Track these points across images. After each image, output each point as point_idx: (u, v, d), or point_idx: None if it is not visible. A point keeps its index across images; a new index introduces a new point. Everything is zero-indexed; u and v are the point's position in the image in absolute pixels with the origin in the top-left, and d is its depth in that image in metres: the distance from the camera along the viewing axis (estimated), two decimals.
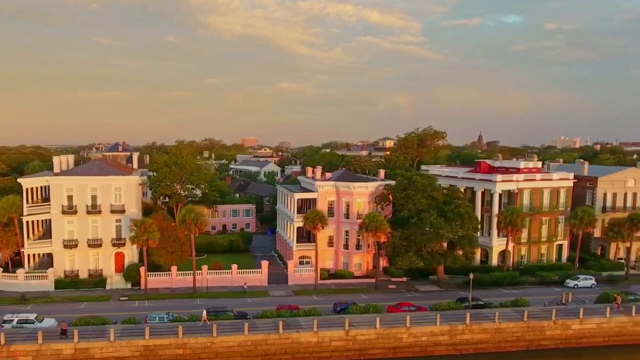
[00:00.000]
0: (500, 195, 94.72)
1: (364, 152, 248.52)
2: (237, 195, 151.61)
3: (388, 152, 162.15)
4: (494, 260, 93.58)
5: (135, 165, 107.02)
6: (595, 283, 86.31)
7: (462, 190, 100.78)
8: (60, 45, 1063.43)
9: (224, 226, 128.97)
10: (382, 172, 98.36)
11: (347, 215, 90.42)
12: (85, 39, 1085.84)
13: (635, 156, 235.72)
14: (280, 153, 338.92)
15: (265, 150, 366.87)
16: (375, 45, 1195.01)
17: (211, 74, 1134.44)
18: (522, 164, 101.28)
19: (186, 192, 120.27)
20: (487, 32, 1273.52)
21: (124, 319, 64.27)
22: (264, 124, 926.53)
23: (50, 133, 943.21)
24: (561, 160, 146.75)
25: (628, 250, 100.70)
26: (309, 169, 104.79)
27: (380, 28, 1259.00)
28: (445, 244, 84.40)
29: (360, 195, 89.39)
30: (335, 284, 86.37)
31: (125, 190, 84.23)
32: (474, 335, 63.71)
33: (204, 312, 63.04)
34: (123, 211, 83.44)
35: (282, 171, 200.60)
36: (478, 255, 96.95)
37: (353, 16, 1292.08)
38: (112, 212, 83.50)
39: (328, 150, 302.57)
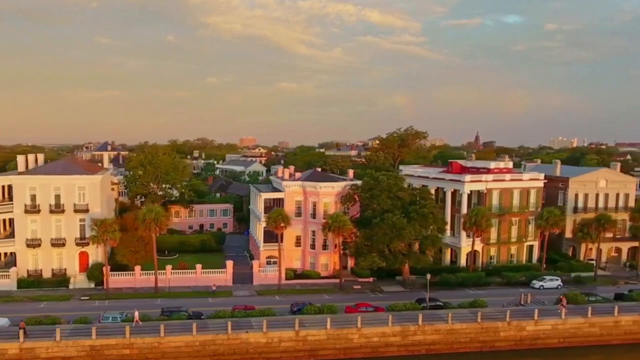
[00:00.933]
0: (470, 195, 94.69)
1: (353, 152, 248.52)
2: (218, 194, 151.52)
3: (369, 152, 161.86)
4: (463, 261, 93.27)
5: (106, 165, 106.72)
6: (561, 284, 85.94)
7: (434, 190, 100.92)
8: (60, 45, 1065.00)
9: (201, 226, 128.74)
10: (350, 172, 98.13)
11: (313, 215, 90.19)
12: (85, 39, 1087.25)
13: (628, 157, 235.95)
14: (273, 153, 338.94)
15: (259, 150, 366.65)
16: (375, 45, 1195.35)
17: (211, 74, 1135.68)
18: (493, 165, 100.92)
19: (162, 192, 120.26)
20: (487, 32, 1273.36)
21: (75, 318, 64.05)
22: (264, 124, 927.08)
23: (50, 132, 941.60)
24: (539, 160, 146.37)
25: (600, 251, 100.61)
26: (280, 169, 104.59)
27: (380, 28, 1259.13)
28: (411, 244, 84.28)
29: (327, 195, 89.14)
30: (301, 284, 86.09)
31: (90, 190, 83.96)
32: (426, 336, 63.41)
33: (136, 313, 62.73)
34: (87, 210, 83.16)
35: (268, 171, 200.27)
36: (448, 256, 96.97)
37: (353, 16, 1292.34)
38: (76, 211, 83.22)
39: (322, 150, 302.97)
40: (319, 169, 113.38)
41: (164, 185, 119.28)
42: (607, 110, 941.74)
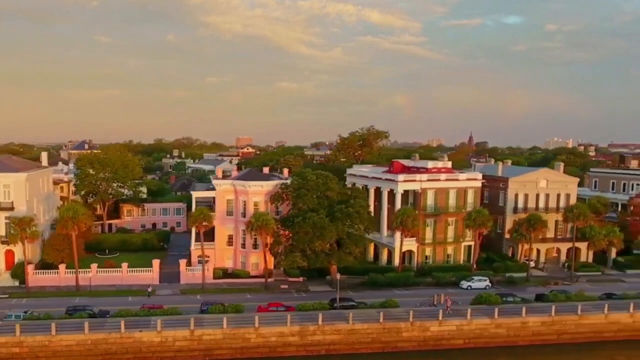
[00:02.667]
0: (406, 195, 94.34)
1: (330, 152, 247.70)
2: (179, 193, 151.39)
3: (329, 152, 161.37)
4: (397, 261, 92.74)
5: (45, 163, 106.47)
6: (490, 284, 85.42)
7: (373, 190, 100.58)
8: (60, 44, 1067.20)
9: (154, 224, 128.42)
10: (286, 171, 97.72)
11: (244, 214, 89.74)
12: (85, 38, 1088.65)
13: (627, 158, 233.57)
14: (258, 152, 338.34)
15: (247, 149, 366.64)
16: (375, 45, 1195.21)
17: (211, 74, 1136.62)
18: (431, 164, 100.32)
19: (112, 191, 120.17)
20: (487, 33, 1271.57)
21: None
22: (264, 123, 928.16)
23: (49, 132, 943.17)
24: (509, 162, 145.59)
25: (538, 251, 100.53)
26: (219, 169, 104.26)
27: (380, 28, 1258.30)
28: (341, 244, 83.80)
29: (256, 194, 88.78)
30: (228, 284, 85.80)
31: (15, 188, 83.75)
32: (325, 336, 63.01)
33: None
34: (12, 208, 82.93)
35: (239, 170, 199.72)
36: (385, 256, 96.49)
37: (353, 16, 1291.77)
38: (1, 209, 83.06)
39: (310, 149, 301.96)
40: (267, 169, 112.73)
41: (113, 184, 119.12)
42: (606, 110, 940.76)
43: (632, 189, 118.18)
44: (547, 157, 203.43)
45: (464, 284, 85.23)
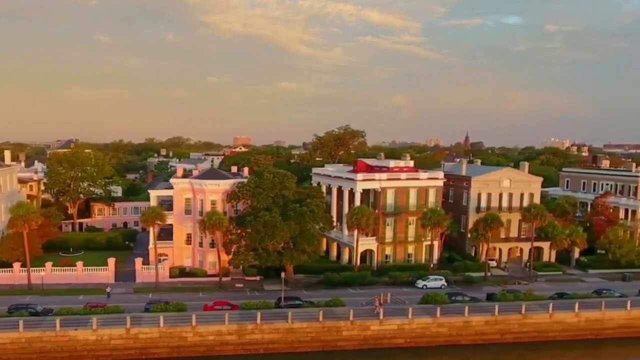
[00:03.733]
0: (368, 194, 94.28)
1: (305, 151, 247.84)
2: None
3: (305, 152, 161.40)
4: (357, 260, 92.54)
5: (7, 161, 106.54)
6: (445, 284, 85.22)
7: (336, 189, 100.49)
8: (60, 43, 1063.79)
9: (125, 223, 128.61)
10: (246, 170, 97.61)
11: (201, 213, 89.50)
12: (85, 37, 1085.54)
13: (599, 158, 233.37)
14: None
15: (240, 149, 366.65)
16: (375, 45, 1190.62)
17: (211, 73, 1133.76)
18: (392, 164, 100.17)
19: (81, 190, 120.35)
20: (487, 33, 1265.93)
21: None
22: (264, 123, 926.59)
23: (49, 131, 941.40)
24: (479, 161, 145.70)
25: (496, 250, 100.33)
26: (179, 168, 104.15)
27: (380, 28, 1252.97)
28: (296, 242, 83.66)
29: (213, 192, 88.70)
30: (183, 282, 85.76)
31: None
32: (264, 335, 62.92)
33: None
34: None
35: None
36: (347, 255, 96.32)
37: (353, 16, 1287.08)
38: None
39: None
40: (235, 168, 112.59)
41: (83, 183, 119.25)
42: (606, 111, 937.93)
43: (602, 189, 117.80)
44: (530, 156, 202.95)
45: (420, 283, 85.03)
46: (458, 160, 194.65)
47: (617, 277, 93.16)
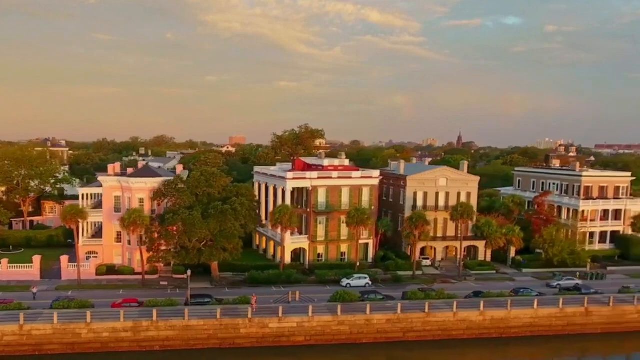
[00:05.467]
0: (299, 193, 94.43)
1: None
2: None
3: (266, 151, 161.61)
4: (288, 258, 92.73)
5: None
6: (369, 282, 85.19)
7: (272, 188, 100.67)
8: (58, 41, 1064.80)
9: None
10: (179, 168, 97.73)
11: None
12: (84, 35, 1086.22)
13: (592, 158, 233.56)
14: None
15: (227, 147, 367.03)
16: (375, 45, 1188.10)
17: (210, 72, 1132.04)
18: (327, 162, 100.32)
19: (30, 188, 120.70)
20: (487, 33, 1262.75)
21: None
22: (263, 122, 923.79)
23: (48, 130, 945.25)
24: (427, 160, 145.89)
25: (434, 250, 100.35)
26: (110, 166, 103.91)
27: (380, 28, 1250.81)
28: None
29: (140, 190, 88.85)
30: (108, 280, 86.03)
31: None
32: (160, 332, 63.09)
33: None
34: None
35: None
36: (279, 254, 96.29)
37: (352, 15, 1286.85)
38: None
39: None
40: (181, 167, 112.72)
41: (27, 181, 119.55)
42: (605, 112, 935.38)
43: (549, 188, 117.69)
44: (502, 156, 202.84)
45: (344, 281, 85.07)
46: (427, 160, 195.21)
47: (548, 277, 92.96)
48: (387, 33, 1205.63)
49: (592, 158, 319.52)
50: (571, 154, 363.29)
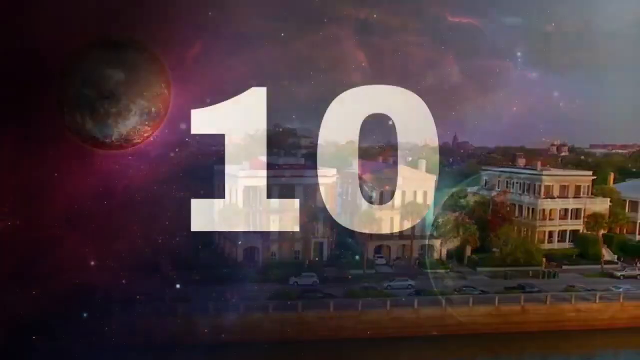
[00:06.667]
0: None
1: None
2: None
3: None
4: (240, 257, 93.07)
5: None
6: (317, 281, 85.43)
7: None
8: None
9: None
10: None
11: None
12: None
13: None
14: None
15: None
16: None
17: None
18: (281, 161, 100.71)
19: None
20: (487, 34, 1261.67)
21: None
22: None
23: None
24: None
25: (388, 248, 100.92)
26: None
27: (380, 27, 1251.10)
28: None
29: None
30: None
31: None
32: None
33: None
34: None
35: None
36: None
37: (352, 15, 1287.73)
38: None
39: None
40: None
41: None
42: (606, 111, 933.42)
43: (513, 187, 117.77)
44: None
45: (292, 280, 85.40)
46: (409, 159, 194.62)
47: (501, 275, 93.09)
48: (387, 33, 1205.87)
49: (582, 157, 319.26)
50: (563, 154, 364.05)
